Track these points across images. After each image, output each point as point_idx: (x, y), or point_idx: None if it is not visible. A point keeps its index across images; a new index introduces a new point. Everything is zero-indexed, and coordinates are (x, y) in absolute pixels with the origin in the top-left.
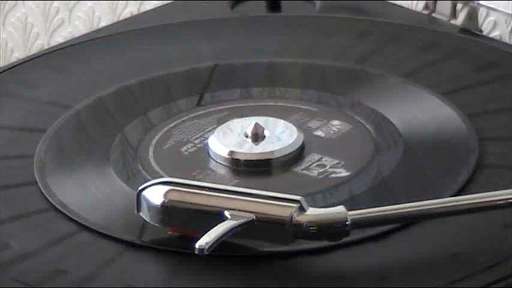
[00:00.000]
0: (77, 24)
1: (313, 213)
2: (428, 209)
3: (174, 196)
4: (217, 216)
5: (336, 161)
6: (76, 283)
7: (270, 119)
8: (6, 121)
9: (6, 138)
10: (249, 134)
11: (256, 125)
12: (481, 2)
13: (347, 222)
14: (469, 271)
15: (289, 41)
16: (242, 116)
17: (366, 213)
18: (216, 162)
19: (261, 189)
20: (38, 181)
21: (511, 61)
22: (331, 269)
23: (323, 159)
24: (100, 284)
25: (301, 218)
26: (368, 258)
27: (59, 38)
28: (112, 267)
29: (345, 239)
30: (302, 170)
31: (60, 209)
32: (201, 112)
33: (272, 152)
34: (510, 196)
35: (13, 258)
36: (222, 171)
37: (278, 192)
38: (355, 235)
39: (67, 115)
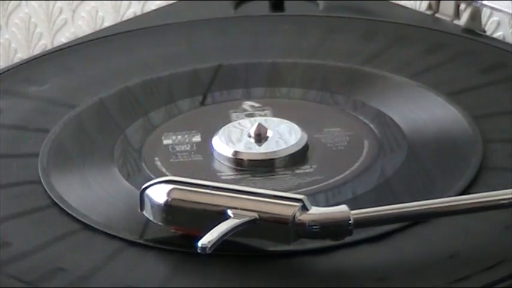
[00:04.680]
0: (80, 24)
1: (316, 212)
2: (431, 208)
3: (177, 195)
4: (220, 215)
5: (339, 161)
6: (74, 282)
7: (273, 119)
8: (10, 120)
9: (10, 137)
10: (252, 134)
11: (260, 125)
12: (484, 2)
13: (350, 222)
14: (468, 271)
15: (292, 41)
16: (245, 117)
17: (368, 212)
18: (220, 162)
19: (264, 189)
20: (41, 179)
21: None
22: (333, 268)
23: (326, 159)
24: (100, 283)
25: (304, 217)
26: (369, 258)
27: (62, 38)
28: (113, 265)
29: (347, 239)
30: (305, 169)
31: (62, 206)
32: (204, 112)
33: (275, 152)
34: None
35: (13, 255)
36: (225, 171)
37: (281, 191)
38: (357, 235)
39: (70, 115)
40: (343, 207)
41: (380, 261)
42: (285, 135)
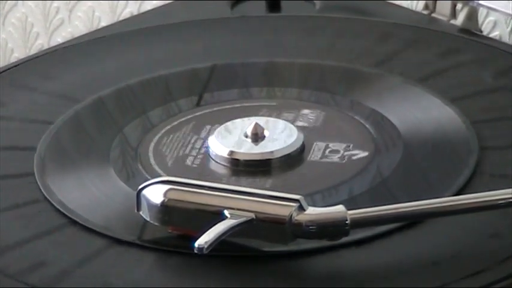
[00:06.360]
0: (77, 24)
1: (313, 212)
2: (428, 208)
3: (174, 195)
4: (216, 215)
5: (336, 162)
6: (55, 276)
7: (270, 119)
8: (8, 115)
9: (8, 131)
10: (249, 134)
11: (256, 125)
12: (480, 2)
13: (346, 222)
14: (450, 278)
15: (288, 41)
16: (242, 116)
17: (365, 212)
18: (216, 162)
19: (261, 189)
20: (35, 174)
21: None
22: (331, 269)
23: (323, 160)
24: (83, 278)
25: (300, 217)
26: (367, 258)
27: (59, 38)
28: (98, 262)
29: (345, 239)
30: (302, 169)
31: (51, 201)
32: (201, 112)
33: (272, 152)
34: (510, 196)
35: None
36: (222, 171)
37: (278, 191)
38: (354, 235)
39: (67, 114)
40: (340, 207)
41: (380, 262)
42: (282, 135)
